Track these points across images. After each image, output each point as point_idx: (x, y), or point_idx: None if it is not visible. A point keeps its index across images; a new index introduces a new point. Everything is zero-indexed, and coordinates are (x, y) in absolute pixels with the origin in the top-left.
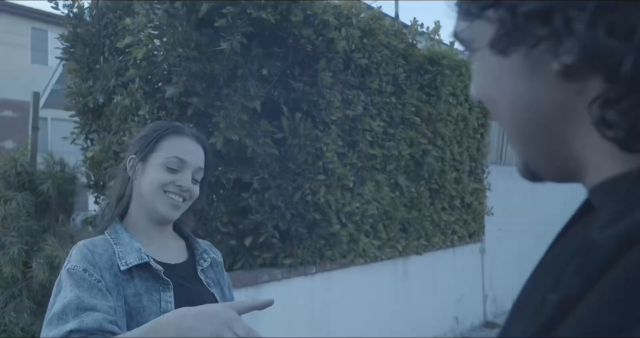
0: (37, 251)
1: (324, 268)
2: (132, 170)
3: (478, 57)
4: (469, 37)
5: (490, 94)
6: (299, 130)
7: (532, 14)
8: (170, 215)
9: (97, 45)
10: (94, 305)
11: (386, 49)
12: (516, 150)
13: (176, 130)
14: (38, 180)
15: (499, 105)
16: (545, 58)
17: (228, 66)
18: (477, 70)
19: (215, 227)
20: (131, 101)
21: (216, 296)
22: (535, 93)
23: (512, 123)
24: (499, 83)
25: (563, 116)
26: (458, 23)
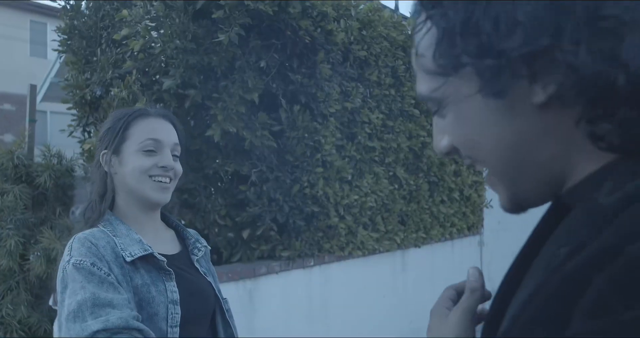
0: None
1: (322, 261)
2: (107, 166)
3: (453, 109)
4: (442, 94)
5: (472, 140)
6: (297, 122)
7: (523, 57)
8: (161, 199)
9: (94, 37)
10: (110, 300)
11: (385, 40)
12: (502, 185)
13: (140, 113)
14: (35, 173)
15: (483, 148)
16: (525, 94)
17: (226, 58)
18: (454, 121)
19: (213, 219)
20: (128, 93)
21: (213, 285)
22: (521, 127)
23: (499, 161)
24: (482, 127)
25: (546, 141)
26: (425, 84)
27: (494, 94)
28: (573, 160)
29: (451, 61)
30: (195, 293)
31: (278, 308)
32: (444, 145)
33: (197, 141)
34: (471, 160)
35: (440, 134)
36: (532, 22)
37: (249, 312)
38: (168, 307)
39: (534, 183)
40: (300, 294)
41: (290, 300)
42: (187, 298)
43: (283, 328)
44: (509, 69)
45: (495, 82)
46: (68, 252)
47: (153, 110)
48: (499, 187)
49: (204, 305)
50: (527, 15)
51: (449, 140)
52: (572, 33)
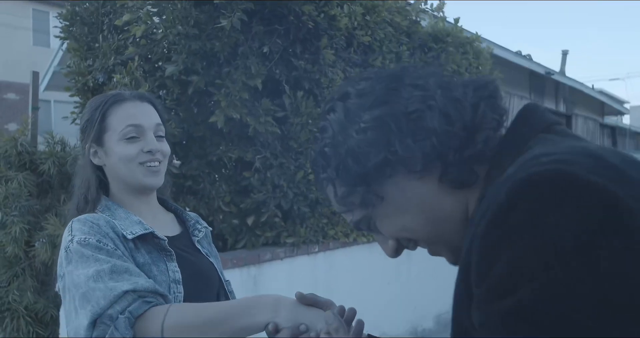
0: (39, 230)
1: (326, 247)
2: (96, 158)
3: (377, 224)
4: (369, 213)
5: (405, 229)
6: (300, 108)
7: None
8: (154, 182)
9: (96, 24)
10: (127, 267)
11: (389, 26)
12: (443, 248)
13: (115, 100)
14: (39, 160)
15: (414, 228)
16: (432, 176)
17: (228, 44)
18: (383, 228)
19: (218, 206)
20: (131, 80)
21: (215, 266)
22: (428, 205)
23: (428, 233)
24: (399, 220)
25: (440, 200)
26: (352, 215)
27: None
28: (465, 202)
29: (346, 202)
30: (197, 274)
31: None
32: (393, 248)
33: (200, 128)
34: (424, 243)
35: (383, 242)
36: (364, 152)
37: None
38: (170, 286)
39: (458, 232)
40: (305, 280)
41: (294, 286)
42: (190, 279)
43: None
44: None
45: (364, 202)
46: (69, 233)
47: (128, 93)
48: (443, 250)
49: (207, 286)
50: (362, 151)
51: (394, 240)
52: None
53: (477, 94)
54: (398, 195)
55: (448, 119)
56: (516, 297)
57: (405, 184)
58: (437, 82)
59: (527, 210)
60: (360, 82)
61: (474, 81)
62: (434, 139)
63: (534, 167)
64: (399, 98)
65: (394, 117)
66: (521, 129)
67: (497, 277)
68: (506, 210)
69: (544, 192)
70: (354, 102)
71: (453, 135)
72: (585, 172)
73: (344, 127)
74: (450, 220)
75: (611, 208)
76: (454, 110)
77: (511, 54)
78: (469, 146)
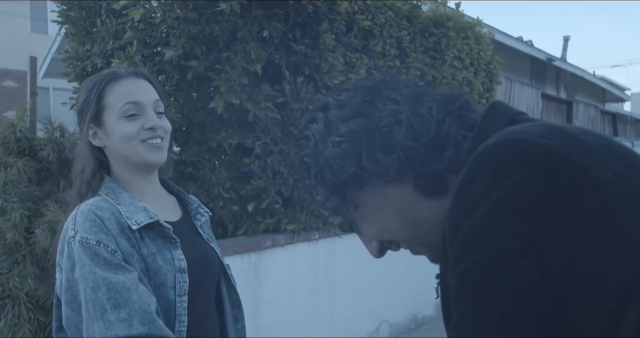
0: (39, 217)
1: (327, 234)
2: (96, 140)
3: (360, 225)
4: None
5: (385, 231)
6: (300, 94)
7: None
8: (158, 159)
9: (94, 8)
10: (123, 283)
11: (390, 10)
12: (423, 247)
13: (110, 78)
14: (38, 146)
15: (393, 231)
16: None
17: (228, 28)
18: (366, 229)
19: (218, 192)
20: (129, 64)
21: (216, 250)
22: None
23: (408, 234)
24: (380, 221)
25: (419, 206)
26: (335, 220)
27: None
28: (444, 205)
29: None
30: (200, 260)
31: (283, 282)
32: (376, 248)
33: (200, 113)
34: (405, 244)
35: (367, 243)
36: (338, 165)
37: (254, 285)
38: (176, 276)
39: (435, 233)
40: (306, 267)
41: (295, 273)
42: (193, 265)
43: (288, 301)
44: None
45: (339, 209)
46: (72, 226)
47: (123, 70)
48: (424, 250)
49: (209, 272)
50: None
51: (376, 242)
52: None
53: (445, 108)
54: (374, 201)
55: (414, 134)
56: (469, 259)
57: (381, 191)
58: (410, 95)
59: (486, 174)
60: (341, 93)
61: (444, 95)
62: (401, 153)
63: (490, 140)
64: (374, 111)
65: (367, 131)
66: (488, 126)
67: (459, 241)
68: (469, 180)
69: (498, 157)
70: (334, 113)
71: (417, 150)
72: (535, 136)
73: (324, 138)
74: (427, 222)
75: (560, 166)
76: (420, 125)
77: (512, 39)
78: (435, 160)
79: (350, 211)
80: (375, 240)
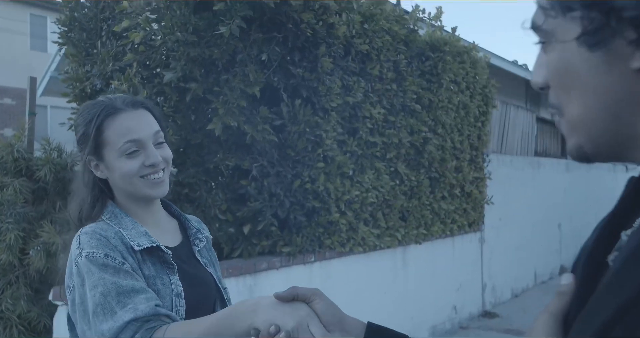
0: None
1: (322, 257)
2: (98, 171)
3: (555, 48)
4: (551, 29)
5: (564, 82)
6: (298, 116)
7: (633, 19)
8: (159, 193)
9: (95, 29)
10: (132, 286)
11: (387, 34)
12: (576, 132)
13: (108, 112)
14: (35, 166)
15: (572, 93)
16: (624, 56)
17: (227, 51)
18: (552, 59)
19: (214, 214)
20: (129, 86)
21: (213, 276)
22: (611, 84)
23: (583, 109)
24: (577, 73)
25: (632, 103)
26: (538, 15)
27: (588, 45)
28: None
29: (562, 3)
30: (196, 286)
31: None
32: (540, 81)
33: (198, 135)
34: (556, 110)
35: (539, 68)
36: None
37: None
38: (173, 300)
39: (610, 140)
40: None
41: None
42: (189, 291)
43: None
44: (614, 27)
45: (593, 34)
46: (77, 246)
47: (120, 101)
48: (572, 135)
49: (205, 297)
50: None
51: (545, 77)
52: None
53: None
54: (599, 58)
55: None
56: None
57: (624, 58)
58: None
59: None
60: None
61: None
62: None
63: None
64: None
65: None
66: None
67: None
68: None
69: None
70: None
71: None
72: None
73: None
74: (616, 128)
75: None
76: None
77: (508, 63)
78: None
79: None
80: (545, 79)
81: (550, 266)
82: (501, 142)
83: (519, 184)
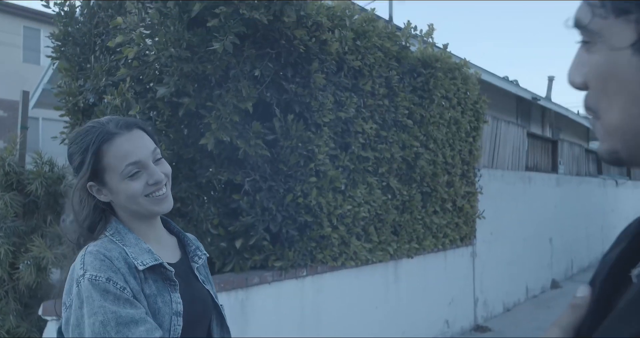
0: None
1: (314, 271)
2: (101, 196)
3: (601, 50)
4: (598, 29)
5: (608, 88)
6: (290, 131)
7: None
8: (165, 209)
9: (88, 44)
10: (132, 316)
11: (379, 51)
12: (613, 138)
13: (104, 139)
14: (26, 180)
15: (614, 99)
16: None
17: (220, 67)
18: (597, 62)
19: (206, 228)
20: (122, 101)
21: (211, 293)
22: None
23: (624, 117)
24: (625, 81)
25: None
26: (585, 13)
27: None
28: None
29: (616, 3)
30: (195, 303)
31: (270, 319)
32: (578, 81)
33: (190, 150)
34: (592, 113)
35: (579, 67)
36: None
37: (241, 323)
38: (172, 319)
39: None
40: (293, 304)
41: (282, 310)
42: (188, 308)
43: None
44: None
45: None
46: (81, 266)
47: (113, 125)
48: (608, 139)
49: (202, 315)
50: None
51: (585, 77)
52: None
53: None
54: None
55: None
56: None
57: None
58: None
59: None
60: None
61: None
62: None
63: None
64: None
65: None
66: None
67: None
68: None
69: None
70: None
71: None
72: None
73: None
74: None
75: None
76: None
77: (498, 79)
78: None
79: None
80: (584, 80)
81: (542, 280)
82: (492, 157)
83: (510, 199)
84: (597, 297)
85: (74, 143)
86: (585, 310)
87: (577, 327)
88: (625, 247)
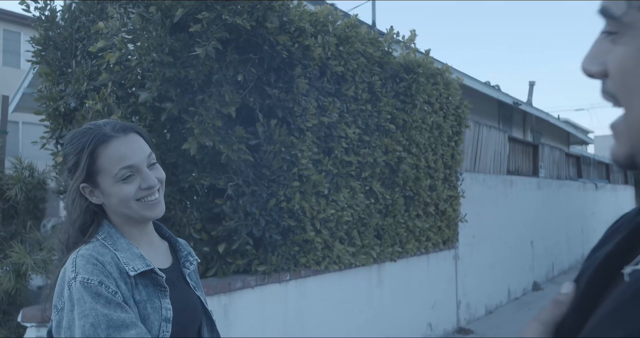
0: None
1: (298, 275)
2: (93, 197)
3: (631, 43)
4: (631, 22)
5: (634, 84)
6: (274, 136)
7: None
8: (156, 215)
9: (69, 49)
10: (123, 320)
11: (362, 56)
12: (629, 138)
13: (100, 141)
14: (6, 185)
15: (635, 95)
16: None
17: (203, 72)
18: (625, 55)
19: (189, 233)
20: (103, 106)
21: (201, 299)
22: None
23: None
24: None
25: None
26: (620, 3)
27: None
28: None
29: None
30: (186, 309)
31: (254, 324)
32: (594, 70)
33: (173, 154)
34: (613, 99)
35: (598, 55)
36: None
37: (225, 327)
38: (161, 325)
39: None
40: (276, 309)
41: (266, 315)
42: (178, 313)
43: None
44: None
45: None
46: (72, 269)
47: (109, 128)
48: (623, 138)
49: (191, 321)
50: None
51: (604, 67)
52: None
53: None
54: None
55: None
56: None
57: None
58: None
59: None
60: None
61: None
62: None
63: None
64: None
65: None
66: None
67: None
68: None
69: None
70: None
71: None
72: None
73: None
74: None
75: None
76: None
77: (480, 84)
78: None
79: None
80: (602, 70)
81: (524, 283)
82: (474, 161)
83: (492, 202)
84: (582, 294)
85: (70, 143)
86: (568, 307)
87: (558, 323)
88: (616, 244)
